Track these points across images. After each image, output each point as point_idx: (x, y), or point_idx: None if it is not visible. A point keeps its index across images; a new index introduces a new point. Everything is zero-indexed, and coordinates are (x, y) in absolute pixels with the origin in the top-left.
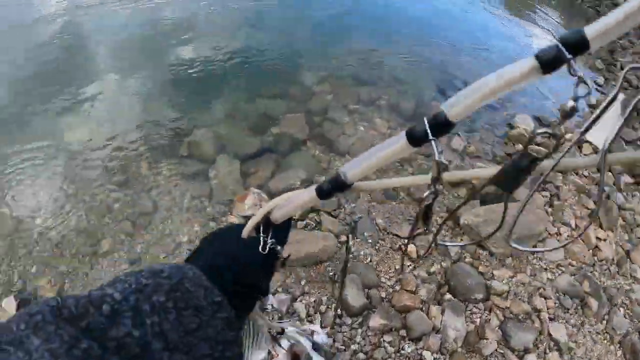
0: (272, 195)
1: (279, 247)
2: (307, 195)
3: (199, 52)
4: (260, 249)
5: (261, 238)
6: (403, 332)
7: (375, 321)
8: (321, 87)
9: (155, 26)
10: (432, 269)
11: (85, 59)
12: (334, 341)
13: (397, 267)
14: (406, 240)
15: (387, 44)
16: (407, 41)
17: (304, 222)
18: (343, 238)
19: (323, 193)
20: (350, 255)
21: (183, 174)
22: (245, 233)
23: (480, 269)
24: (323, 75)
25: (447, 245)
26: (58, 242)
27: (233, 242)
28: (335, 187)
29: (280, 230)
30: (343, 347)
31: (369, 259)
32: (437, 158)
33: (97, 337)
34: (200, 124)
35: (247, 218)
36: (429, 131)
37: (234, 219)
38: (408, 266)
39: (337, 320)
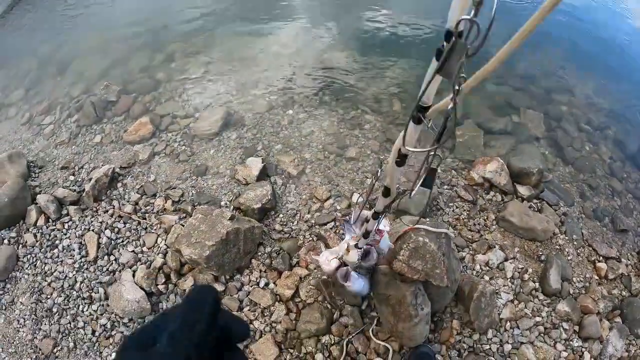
0: (511, 168)
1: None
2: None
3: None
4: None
5: None
6: (576, 327)
7: (562, 307)
8: (560, 97)
9: None
10: (614, 292)
11: None
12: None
13: (588, 275)
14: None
15: (624, 80)
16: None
17: (529, 204)
18: (556, 230)
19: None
20: (558, 247)
21: None
22: None
23: None
24: (563, 84)
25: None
26: (307, 135)
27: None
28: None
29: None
30: (530, 315)
31: (570, 258)
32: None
33: None
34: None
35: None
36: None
37: (473, 175)
38: (595, 280)
39: (533, 292)
